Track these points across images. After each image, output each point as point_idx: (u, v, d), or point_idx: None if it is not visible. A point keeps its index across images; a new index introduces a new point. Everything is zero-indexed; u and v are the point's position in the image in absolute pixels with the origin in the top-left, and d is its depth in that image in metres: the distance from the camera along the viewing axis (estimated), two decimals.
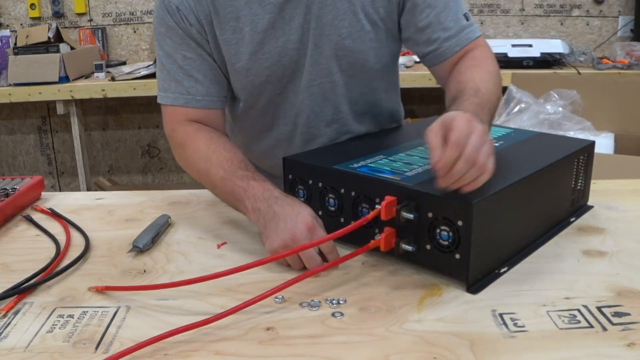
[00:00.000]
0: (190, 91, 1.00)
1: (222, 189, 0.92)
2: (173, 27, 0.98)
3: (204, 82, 1.01)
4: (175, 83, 1.00)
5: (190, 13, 0.97)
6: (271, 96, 1.05)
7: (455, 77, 1.00)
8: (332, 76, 1.03)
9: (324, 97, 1.05)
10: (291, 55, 0.99)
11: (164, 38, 0.99)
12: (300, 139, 1.09)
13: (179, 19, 0.97)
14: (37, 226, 1.01)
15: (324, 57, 1.00)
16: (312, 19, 0.97)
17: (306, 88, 1.03)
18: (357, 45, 1.00)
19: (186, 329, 0.65)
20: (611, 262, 0.82)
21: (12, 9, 3.24)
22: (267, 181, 0.87)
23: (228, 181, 0.89)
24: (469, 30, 1.03)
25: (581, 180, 0.99)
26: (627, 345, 0.62)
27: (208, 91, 1.01)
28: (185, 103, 1.01)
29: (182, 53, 0.99)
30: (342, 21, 0.98)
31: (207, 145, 0.96)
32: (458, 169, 0.68)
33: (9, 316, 0.72)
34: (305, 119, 1.07)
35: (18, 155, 3.49)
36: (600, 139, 1.91)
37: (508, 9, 3.21)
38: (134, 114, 3.43)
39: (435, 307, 0.71)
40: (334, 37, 0.99)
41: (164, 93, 1.02)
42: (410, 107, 3.22)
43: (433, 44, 1.02)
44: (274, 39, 0.98)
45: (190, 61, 0.99)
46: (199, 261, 0.87)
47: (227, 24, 0.97)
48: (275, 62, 0.99)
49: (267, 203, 0.82)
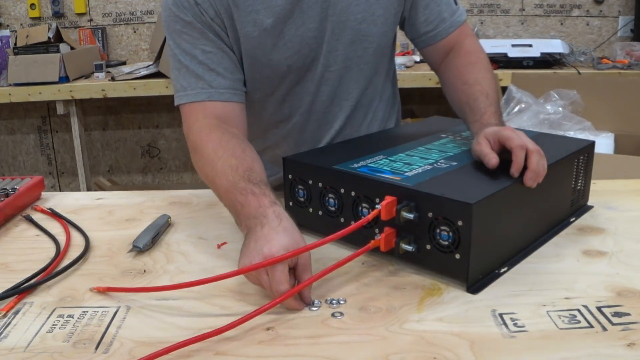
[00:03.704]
0: (212, 84, 0.97)
1: (226, 201, 0.88)
2: (191, 22, 0.96)
3: (227, 75, 0.99)
4: (196, 79, 0.98)
5: (210, 7, 0.96)
6: (290, 85, 1.05)
7: (458, 76, 1.05)
8: (347, 62, 1.05)
9: (339, 82, 1.07)
10: (310, 43, 1.01)
11: (180, 35, 0.97)
12: (314, 125, 1.10)
13: (198, 13, 0.96)
14: (37, 226, 1.01)
15: (340, 43, 1.02)
16: (330, 6, 0.99)
17: (322, 75, 1.05)
18: (371, 29, 1.03)
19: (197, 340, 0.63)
20: (611, 262, 0.82)
21: (12, 9, 3.24)
22: (266, 196, 0.82)
23: (230, 194, 0.86)
24: (458, 13, 1.10)
25: (581, 180, 0.99)
26: (627, 345, 0.62)
27: (231, 84, 0.99)
28: (208, 97, 0.97)
29: (202, 48, 0.97)
30: (356, 6, 1.00)
31: (214, 150, 0.92)
32: (536, 163, 0.80)
33: (9, 316, 0.72)
34: (320, 105, 1.08)
35: (18, 155, 3.49)
36: (600, 139, 1.91)
37: (508, 9, 3.21)
38: (134, 114, 3.43)
39: (435, 307, 0.71)
40: (351, 23, 1.01)
41: (184, 92, 0.98)
42: (410, 107, 3.22)
43: (430, 24, 1.08)
44: (294, 28, 0.98)
45: (211, 55, 0.98)
46: (199, 261, 0.87)
47: (248, 16, 0.97)
48: (296, 51, 1.00)
49: (254, 222, 0.78)
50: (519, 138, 0.83)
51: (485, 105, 0.96)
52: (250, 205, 0.81)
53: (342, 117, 1.11)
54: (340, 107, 1.10)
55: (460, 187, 0.79)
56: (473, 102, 0.98)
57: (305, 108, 1.08)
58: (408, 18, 1.09)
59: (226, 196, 0.87)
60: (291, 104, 1.08)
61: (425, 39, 1.10)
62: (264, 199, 0.81)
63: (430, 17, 1.07)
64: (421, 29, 1.08)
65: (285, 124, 1.11)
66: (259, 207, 0.80)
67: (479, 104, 0.97)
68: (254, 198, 0.81)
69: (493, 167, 0.83)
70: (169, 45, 1.00)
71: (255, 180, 0.85)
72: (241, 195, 0.83)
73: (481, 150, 0.85)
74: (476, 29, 3.18)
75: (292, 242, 0.73)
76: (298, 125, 1.10)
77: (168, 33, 0.99)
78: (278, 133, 1.13)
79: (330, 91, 1.07)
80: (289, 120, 1.11)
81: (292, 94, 1.07)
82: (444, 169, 0.86)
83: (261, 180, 0.86)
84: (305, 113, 1.09)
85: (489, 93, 0.99)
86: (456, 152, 0.95)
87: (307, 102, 1.08)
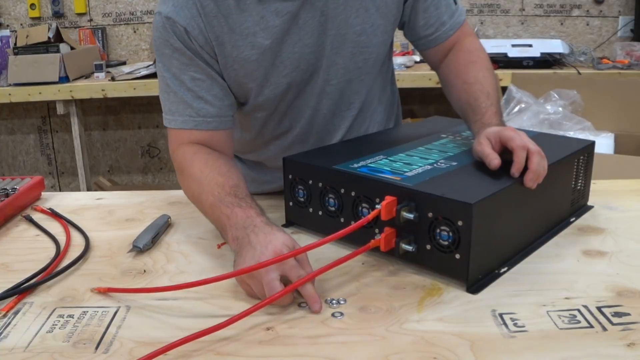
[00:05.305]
0: (200, 113, 0.97)
1: (211, 216, 0.89)
2: (179, 49, 0.94)
3: (215, 103, 0.97)
4: (184, 105, 0.97)
5: (200, 35, 0.93)
6: (290, 100, 1.04)
7: (458, 75, 1.04)
8: (348, 74, 1.04)
9: (340, 94, 1.06)
10: (309, 59, 0.99)
11: (170, 59, 0.96)
12: (315, 137, 1.10)
13: (187, 40, 0.93)
14: (37, 226, 1.01)
15: (340, 56, 1.01)
16: (328, 21, 0.97)
17: (323, 89, 1.03)
18: (371, 39, 1.02)
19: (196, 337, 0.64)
20: (611, 262, 0.82)
21: (12, 9, 3.24)
22: (253, 208, 0.83)
23: (216, 208, 0.86)
24: (458, 14, 1.08)
25: (581, 180, 0.99)
26: (627, 345, 0.62)
27: (219, 112, 0.98)
28: (195, 126, 0.97)
29: (190, 74, 0.95)
30: (355, 18, 0.99)
31: (201, 169, 0.93)
32: (537, 163, 0.81)
33: (9, 316, 0.72)
34: (322, 118, 1.07)
35: (18, 155, 3.49)
36: (600, 139, 1.91)
37: (508, 9, 3.21)
38: (134, 114, 3.43)
39: (435, 307, 0.71)
40: (350, 36, 0.99)
41: (172, 116, 0.98)
42: (410, 107, 3.22)
43: (430, 27, 1.07)
44: (291, 46, 0.97)
45: (199, 82, 0.96)
46: (199, 261, 0.87)
47: (245, 40, 0.95)
48: (294, 68, 0.99)
49: (245, 231, 0.78)
50: (520, 138, 0.83)
51: (486, 104, 0.96)
52: (237, 217, 0.82)
53: (344, 127, 1.10)
54: (342, 117, 1.09)
55: (460, 187, 0.79)
56: (474, 101, 0.98)
57: (306, 121, 1.07)
58: (408, 22, 1.08)
59: (211, 211, 0.88)
60: (292, 117, 1.07)
61: (425, 42, 1.09)
62: (251, 211, 0.82)
63: (430, 20, 1.06)
64: (421, 32, 1.08)
65: (286, 136, 1.10)
66: (247, 217, 0.81)
67: (480, 103, 0.97)
68: (241, 210, 0.83)
69: (495, 168, 0.83)
70: (158, 66, 0.98)
71: (241, 195, 0.87)
72: (227, 209, 0.84)
73: (483, 150, 0.85)
74: (476, 29, 3.18)
75: (289, 239, 0.76)
76: (300, 137, 1.10)
77: (157, 55, 0.97)
78: (280, 144, 1.12)
79: (332, 104, 1.06)
80: (290, 133, 1.10)
81: (293, 108, 1.06)
82: (444, 169, 0.86)
83: (247, 196, 0.87)
84: (307, 125, 1.08)
85: (490, 92, 0.98)
86: (456, 152, 0.95)
87: (308, 115, 1.06)
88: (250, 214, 0.81)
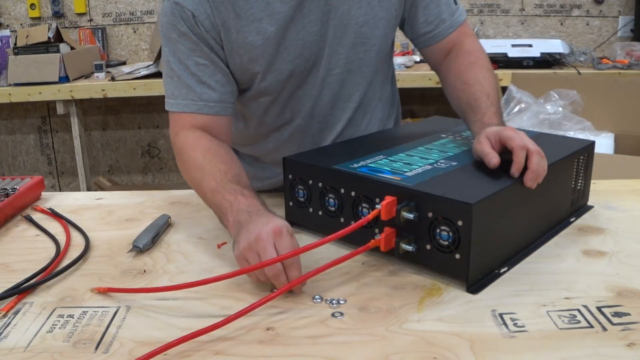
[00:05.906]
0: (202, 97, 0.98)
1: (211, 201, 0.91)
2: (186, 33, 0.96)
3: (217, 88, 0.99)
4: (187, 89, 0.98)
5: (207, 19, 0.95)
6: (292, 89, 1.05)
7: (458, 76, 1.05)
8: (349, 65, 1.05)
9: (341, 85, 1.07)
10: (312, 47, 1.01)
11: (175, 44, 0.97)
12: (315, 128, 1.11)
13: (194, 25, 0.95)
14: (37, 226, 1.01)
15: (342, 46, 1.02)
16: (332, 10, 0.99)
17: (324, 78, 1.05)
18: (373, 32, 1.03)
19: (194, 336, 0.64)
20: (611, 262, 0.82)
21: (12, 9, 3.24)
22: (256, 197, 0.86)
23: (217, 193, 0.88)
24: (458, 13, 1.10)
25: (581, 180, 0.99)
26: (627, 345, 0.62)
27: (221, 97, 1.00)
28: (197, 110, 0.99)
29: (195, 59, 0.97)
30: (358, 10, 1.00)
31: (203, 155, 0.95)
32: (536, 163, 0.81)
33: (9, 316, 0.72)
34: (322, 108, 1.08)
35: (18, 155, 3.49)
36: (600, 139, 1.91)
37: (508, 9, 3.21)
38: (134, 114, 3.43)
39: (435, 307, 0.71)
40: (352, 26, 1.01)
41: (174, 100, 1.00)
42: (410, 107, 3.22)
43: (429, 25, 1.08)
44: (295, 33, 0.99)
45: (203, 67, 0.98)
46: (199, 261, 0.87)
47: (250, 25, 0.97)
48: (297, 55, 1.00)
49: (248, 215, 0.80)
50: (520, 138, 0.83)
51: (486, 105, 0.96)
52: (240, 203, 0.84)
53: (344, 119, 1.11)
54: (342, 109, 1.10)
55: (460, 187, 0.79)
56: (474, 102, 0.98)
57: (307, 111, 1.08)
58: (408, 19, 1.09)
59: (212, 196, 0.90)
60: (293, 107, 1.08)
61: (425, 39, 1.10)
62: (254, 200, 0.85)
63: (430, 17, 1.07)
64: (420, 29, 1.09)
65: (287, 127, 1.11)
66: (250, 204, 0.83)
67: (480, 103, 0.97)
68: (244, 198, 0.85)
69: (494, 166, 0.83)
70: (164, 51, 1.00)
71: (243, 184, 0.90)
72: (230, 195, 0.86)
73: (482, 149, 0.86)
74: (476, 29, 3.18)
75: (289, 226, 0.77)
76: (300, 128, 1.11)
77: (164, 39, 0.99)
78: (280, 136, 1.13)
79: (332, 94, 1.07)
80: (290, 124, 1.11)
81: (294, 97, 1.07)
82: (444, 169, 0.86)
83: (249, 186, 0.90)
84: (307, 116, 1.09)
85: (490, 93, 0.99)
86: (456, 152, 0.95)
87: (309, 106, 1.08)
88: (253, 202, 0.84)
